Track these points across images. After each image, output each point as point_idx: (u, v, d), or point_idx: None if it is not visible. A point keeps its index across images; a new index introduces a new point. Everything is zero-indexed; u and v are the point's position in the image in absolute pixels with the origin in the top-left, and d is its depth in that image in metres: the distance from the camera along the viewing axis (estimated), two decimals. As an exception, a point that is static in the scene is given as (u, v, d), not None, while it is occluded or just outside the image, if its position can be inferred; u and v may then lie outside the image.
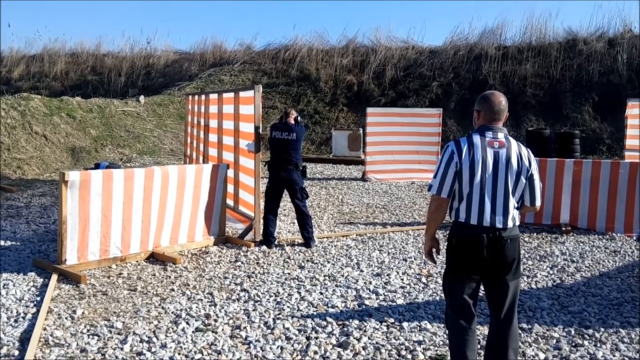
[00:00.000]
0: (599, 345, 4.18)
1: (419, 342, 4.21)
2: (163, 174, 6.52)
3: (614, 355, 4.00)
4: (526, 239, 7.62)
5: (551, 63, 19.58)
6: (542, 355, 3.98)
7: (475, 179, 3.24)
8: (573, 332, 4.42)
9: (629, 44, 19.21)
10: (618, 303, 5.10)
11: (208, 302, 5.07)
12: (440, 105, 17.51)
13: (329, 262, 6.44)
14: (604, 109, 18.17)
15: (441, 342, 4.22)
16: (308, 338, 4.30)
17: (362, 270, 6.12)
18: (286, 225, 8.49)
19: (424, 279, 5.82)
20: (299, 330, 4.45)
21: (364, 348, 4.12)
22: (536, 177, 3.31)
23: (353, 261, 6.49)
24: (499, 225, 3.24)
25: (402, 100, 20.22)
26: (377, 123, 13.89)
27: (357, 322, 4.59)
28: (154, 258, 6.45)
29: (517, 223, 3.32)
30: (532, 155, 3.33)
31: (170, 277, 5.81)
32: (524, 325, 4.53)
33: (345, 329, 4.46)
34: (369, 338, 4.29)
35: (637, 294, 5.35)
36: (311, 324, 4.56)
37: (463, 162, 3.24)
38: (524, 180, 3.27)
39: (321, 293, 5.34)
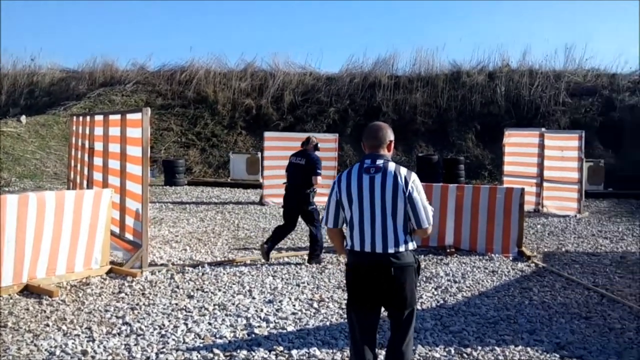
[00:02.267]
0: (476, 363, 4.39)
1: (307, 370, 4.19)
2: (39, 201, 6.07)
3: (489, 373, 4.21)
4: (414, 261, 7.90)
5: (438, 93, 20.82)
6: (423, 377, 4.11)
7: (354, 206, 3.33)
8: (453, 351, 4.61)
9: (506, 78, 20.90)
10: (494, 321, 5.41)
11: (86, 337, 4.73)
12: (337, 130, 17.97)
13: (220, 290, 6.28)
14: (485, 137, 19.54)
15: (329, 369, 4.23)
16: (193, 371, 4.13)
17: (254, 298, 6.03)
18: (177, 253, 8.21)
19: (315, 304, 5.83)
20: (184, 364, 4.27)
21: (250, 379, 4.02)
22: (417, 198, 3.26)
23: (245, 288, 6.38)
24: (379, 250, 3.26)
25: (301, 125, 20.52)
26: (274, 147, 13.93)
27: (245, 352, 4.49)
28: (29, 291, 5.95)
29: (409, 248, 3.29)
30: (412, 177, 3.29)
31: (45, 312, 5.37)
32: (409, 347, 4.65)
33: (233, 360, 4.34)
34: (256, 368, 4.20)
35: (511, 312, 5.70)
36: (197, 356, 4.40)
37: (341, 191, 3.35)
38: (402, 203, 3.25)
39: (209, 323, 5.17)
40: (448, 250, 8.35)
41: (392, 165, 3.33)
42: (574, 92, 20.34)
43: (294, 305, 5.79)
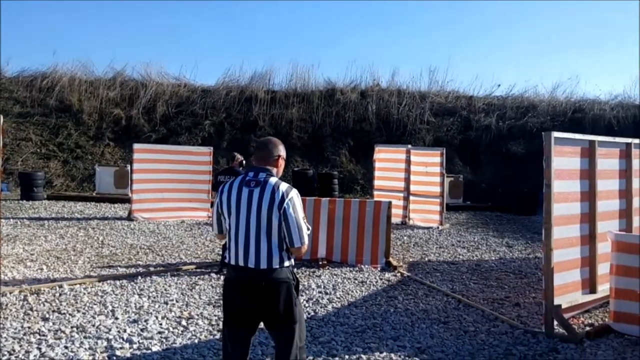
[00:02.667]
0: (343, 372, 4.49)
1: (172, 391, 4.02)
2: None
3: (355, 381, 4.33)
4: (287, 274, 7.95)
5: (314, 109, 21.33)
6: (291, 389, 4.11)
7: (231, 218, 3.28)
8: (321, 362, 4.69)
9: (377, 96, 21.97)
10: (362, 330, 5.58)
11: None
12: (213, 143, 17.68)
13: (79, 311, 5.85)
14: (357, 152, 20.34)
15: (195, 388, 4.09)
16: (43, 401, 3.79)
17: (117, 318, 5.68)
18: (32, 272, 7.53)
19: (184, 322, 5.63)
20: (34, 394, 3.90)
21: (109, 405, 3.77)
22: (292, 216, 3.21)
23: (108, 308, 6.00)
24: (250, 265, 3.22)
25: (174, 138, 19.93)
26: (145, 160, 13.37)
27: (104, 376, 4.21)
28: None
29: (285, 264, 3.24)
30: (290, 194, 3.24)
31: None
32: (278, 361, 4.65)
33: (90, 385, 4.04)
34: (116, 393, 3.95)
35: (378, 321, 5.92)
36: (49, 384, 4.04)
37: (222, 202, 3.32)
38: (276, 219, 3.20)
39: (66, 347, 4.79)
40: (320, 263, 8.51)
41: (272, 180, 3.29)
42: (437, 111, 21.87)
43: (160, 324, 5.55)
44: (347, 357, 4.82)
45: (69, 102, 20.72)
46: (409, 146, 14.61)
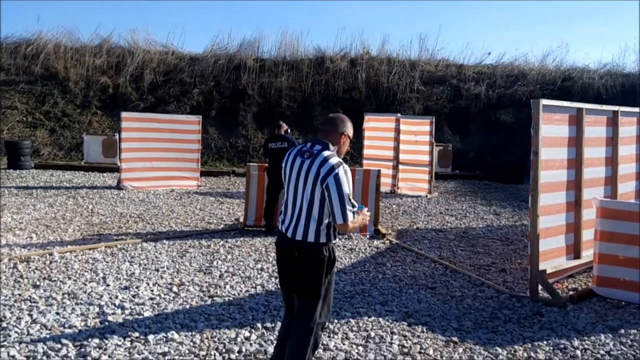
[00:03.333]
0: (332, 336, 4.58)
1: (164, 354, 4.09)
2: None
3: (343, 344, 4.42)
4: (277, 242, 8.02)
5: (303, 77, 21.13)
6: (282, 352, 4.20)
7: (285, 186, 3.43)
8: (311, 326, 4.77)
9: (367, 65, 21.78)
10: (350, 296, 5.68)
11: None
12: (202, 112, 17.52)
13: (70, 278, 5.89)
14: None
15: (187, 351, 4.17)
16: (37, 365, 3.85)
17: (108, 285, 5.73)
18: (21, 241, 7.53)
19: (175, 289, 5.69)
20: (28, 357, 3.97)
21: (102, 368, 3.84)
22: (334, 193, 3.16)
23: (99, 275, 6.05)
24: (289, 234, 3.31)
25: (162, 106, 19.71)
26: (133, 128, 13.26)
27: (97, 340, 4.26)
28: None
29: (319, 239, 3.25)
30: (336, 171, 3.19)
31: None
32: (268, 325, 4.74)
33: (83, 349, 4.10)
34: (109, 356, 4.02)
35: (366, 286, 6.02)
36: (42, 348, 4.10)
37: (283, 169, 3.48)
38: (318, 193, 3.21)
39: (57, 313, 4.84)
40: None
41: (325, 154, 3.27)
42: (426, 80, 21.76)
43: (151, 291, 5.61)
44: (336, 321, 4.91)
45: (54, 69, 20.35)
46: (399, 115, 14.60)
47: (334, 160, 3.25)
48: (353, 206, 3.24)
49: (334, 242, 3.37)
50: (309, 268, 3.29)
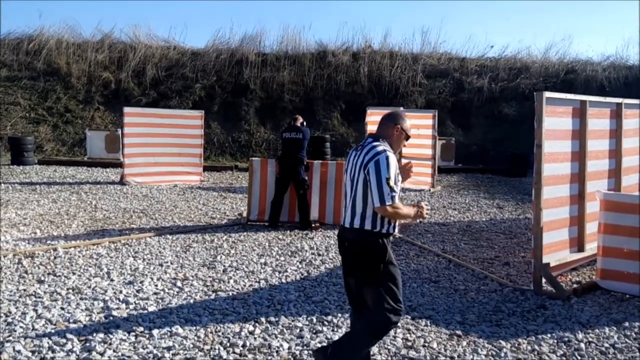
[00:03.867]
0: (335, 329, 4.59)
1: (168, 348, 4.10)
2: None
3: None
4: (280, 236, 8.04)
5: (305, 72, 21.09)
6: (285, 345, 4.22)
7: (345, 181, 3.57)
8: (315, 320, 4.78)
9: (369, 59, 21.73)
10: (354, 289, 5.68)
11: None
12: (204, 107, 17.50)
13: (74, 273, 5.90)
14: (349, 115, 20.25)
15: (191, 345, 4.18)
16: (43, 359, 3.86)
17: (112, 280, 5.75)
18: (25, 236, 7.56)
19: (179, 283, 5.71)
20: (33, 352, 3.98)
21: (107, 362, 3.86)
22: (372, 177, 3.26)
23: (103, 270, 6.06)
24: (344, 224, 3.46)
25: (165, 101, 19.72)
26: (136, 124, 13.28)
27: (102, 335, 4.28)
28: None
29: (367, 226, 3.33)
30: (377, 157, 3.29)
31: None
32: (272, 319, 4.75)
33: (88, 344, 4.12)
34: (114, 351, 4.03)
35: (370, 280, 6.02)
36: (48, 343, 4.11)
37: (345, 163, 3.61)
38: (361, 181, 3.34)
39: (62, 308, 4.85)
40: (313, 225, 8.59)
41: (373, 144, 3.40)
42: (429, 73, 21.70)
43: (156, 285, 5.62)
44: (340, 315, 4.92)
45: (57, 65, 20.36)
46: (401, 109, 14.56)
47: (379, 148, 3.36)
48: (392, 190, 3.25)
49: (385, 230, 3.38)
50: (359, 255, 3.38)
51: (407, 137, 3.59)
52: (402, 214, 3.33)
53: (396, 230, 3.55)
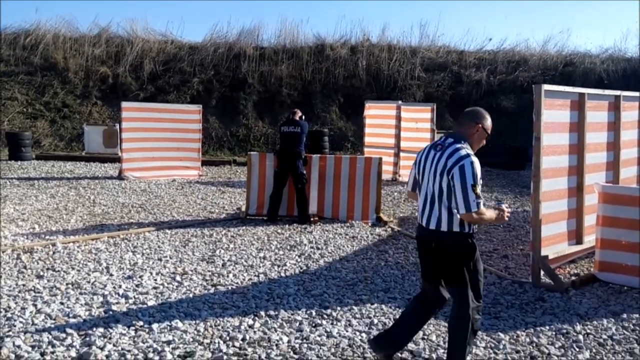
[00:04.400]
0: (335, 323, 4.60)
1: (168, 342, 4.11)
2: None
3: (347, 331, 4.44)
4: (279, 230, 8.04)
5: (303, 65, 21.04)
6: (285, 339, 4.23)
7: (419, 177, 3.52)
8: (314, 313, 4.79)
9: (367, 52, 21.67)
10: (353, 283, 5.70)
11: None
12: (202, 101, 17.46)
13: (73, 268, 5.91)
14: (348, 109, 20.22)
15: (191, 339, 4.19)
16: (43, 354, 3.87)
17: (111, 274, 5.75)
18: (23, 232, 7.55)
19: (178, 278, 5.72)
20: (33, 347, 3.99)
21: (107, 356, 3.86)
22: (457, 184, 3.24)
23: (102, 265, 6.07)
24: (424, 224, 3.44)
25: (163, 96, 19.66)
26: (133, 118, 13.24)
27: (101, 329, 4.29)
28: None
29: (453, 228, 3.33)
30: (462, 162, 3.26)
31: None
32: (272, 312, 4.76)
33: (88, 338, 4.12)
34: (114, 345, 4.04)
35: (369, 274, 6.04)
36: (47, 338, 4.12)
37: (416, 162, 3.59)
38: (445, 184, 3.31)
39: (62, 303, 4.86)
40: (312, 219, 8.59)
41: (455, 146, 3.36)
42: (427, 67, 21.66)
43: (155, 280, 5.63)
44: (339, 308, 4.93)
45: (54, 60, 20.28)
46: (400, 102, 14.55)
47: (462, 151, 3.32)
48: (478, 197, 3.25)
49: (472, 231, 3.41)
50: (447, 257, 3.40)
51: (488, 136, 3.57)
52: (486, 219, 3.36)
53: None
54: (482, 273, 3.52)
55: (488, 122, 3.55)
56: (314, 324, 4.55)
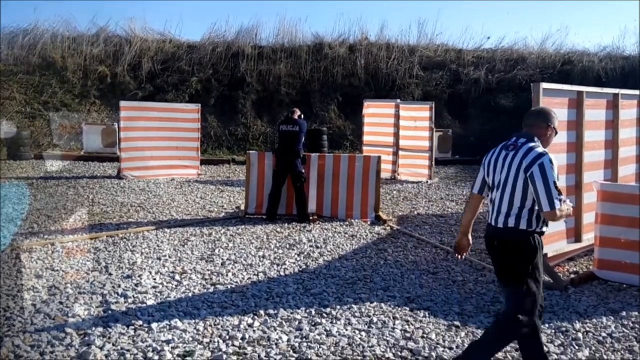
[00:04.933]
0: (334, 321, 4.60)
1: (168, 342, 4.11)
2: None
3: (346, 329, 4.44)
4: (278, 229, 8.04)
5: (302, 64, 21.00)
6: (284, 337, 4.23)
7: (488, 178, 3.52)
8: (313, 312, 4.80)
9: (366, 50, 21.64)
10: (352, 282, 5.70)
11: None
12: (201, 101, 17.41)
13: (72, 267, 5.90)
14: (346, 108, 20.20)
15: (190, 338, 4.19)
16: (42, 354, 3.87)
17: (110, 274, 5.75)
18: (22, 231, 7.55)
19: (177, 277, 5.71)
20: (32, 346, 3.99)
21: (106, 356, 3.86)
22: (538, 182, 3.26)
23: (101, 264, 6.06)
24: (493, 223, 3.46)
25: (161, 95, 19.60)
26: (132, 117, 13.23)
27: (100, 329, 4.29)
28: None
29: (522, 226, 3.34)
30: (539, 160, 3.29)
31: None
32: (271, 311, 4.76)
33: (87, 338, 4.12)
34: (113, 344, 4.04)
35: (368, 272, 6.04)
36: (47, 337, 4.12)
37: (485, 163, 3.59)
38: (521, 182, 3.32)
39: (61, 302, 4.86)
40: (311, 218, 8.59)
41: (529, 145, 3.38)
42: (426, 65, 21.64)
43: (154, 279, 5.63)
44: (338, 307, 4.93)
45: (52, 59, 20.21)
46: (398, 101, 14.55)
47: (539, 149, 3.36)
48: (560, 194, 3.28)
49: (539, 230, 3.40)
50: (510, 255, 3.39)
51: (556, 134, 3.61)
52: (565, 214, 3.37)
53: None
54: (540, 286, 3.42)
55: (557, 122, 3.61)
56: (313, 323, 4.56)
